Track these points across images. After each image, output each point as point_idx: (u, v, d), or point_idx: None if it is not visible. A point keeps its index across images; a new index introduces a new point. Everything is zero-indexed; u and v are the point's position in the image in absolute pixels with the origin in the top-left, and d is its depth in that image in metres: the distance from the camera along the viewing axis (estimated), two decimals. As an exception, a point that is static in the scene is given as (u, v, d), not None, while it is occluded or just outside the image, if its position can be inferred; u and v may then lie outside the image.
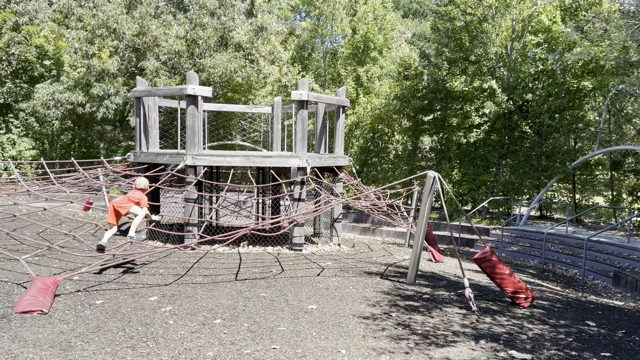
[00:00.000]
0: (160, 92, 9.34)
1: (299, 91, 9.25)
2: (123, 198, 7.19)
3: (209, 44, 22.38)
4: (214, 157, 9.08)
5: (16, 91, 20.98)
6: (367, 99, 22.57)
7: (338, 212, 10.57)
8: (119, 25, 20.61)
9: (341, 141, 10.63)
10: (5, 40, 19.95)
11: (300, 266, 8.09)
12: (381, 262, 9.34)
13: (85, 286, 6.07)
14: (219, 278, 6.98)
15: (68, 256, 7.47)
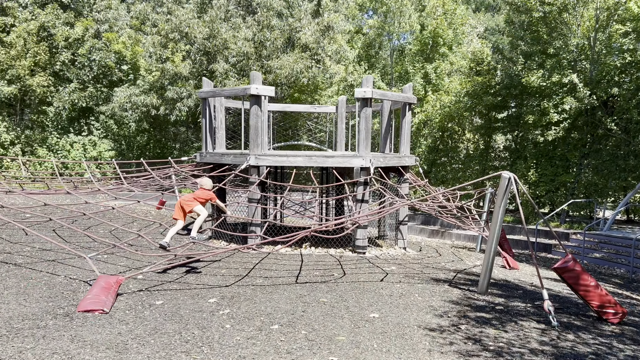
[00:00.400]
0: (225, 92, 9.38)
1: (362, 88, 8.95)
2: (190, 196, 7.28)
3: (276, 45, 22.56)
4: (277, 157, 8.98)
5: (97, 95, 22.16)
6: (436, 97, 21.84)
7: (404, 214, 10.16)
8: (191, 29, 21.22)
9: (407, 140, 10.22)
10: (87, 47, 21.12)
11: (362, 270, 7.79)
12: (450, 268, 8.85)
13: (148, 285, 6.11)
14: (279, 280, 6.83)
15: (135, 255, 7.62)
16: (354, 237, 9.24)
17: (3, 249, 7.44)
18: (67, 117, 21.57)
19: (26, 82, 19.42)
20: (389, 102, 11.59)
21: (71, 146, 21.26)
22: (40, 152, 20.29)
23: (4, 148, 19.57)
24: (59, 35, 20.56)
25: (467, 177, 21.42)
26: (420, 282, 7.22)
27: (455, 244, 14.42)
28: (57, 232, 9.03)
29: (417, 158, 10.43)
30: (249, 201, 9.04)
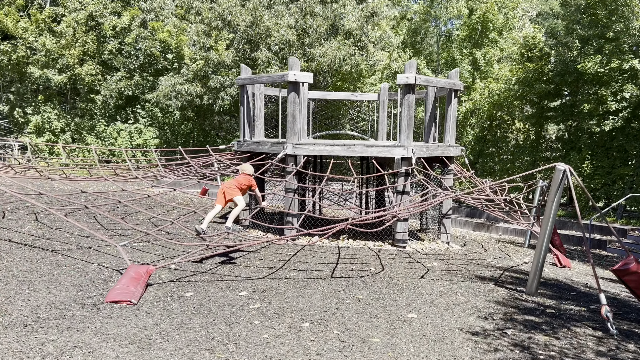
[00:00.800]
0: (263, 79, 9.16)
1: (405, 74, 8.51)
2: (232, 182, 7.17)
3: (319, 32, 22.20)
4: (314, 146, 8.70)
5: (143, 84, 22.50)
6: (484, 84, 20.95)
7: (447, 207, 9.69)
8: (234, 17, 21.16)
9: (452, 129, 9.71)
10: (133, 36, 21.42)
11: (402, 265, 7.43)
12: (496, 265, 8.35)
13: (180, 276, 5.99)
14: (314, 274, 6.58)
15: (170, 244, 7.55)
16: (394, 230, 8.87)
17: (43, 234, 7.53)
18: (114, 105, 22.00)
19: (75, 70, 19.89)
20: (433, 89, 11.09)
21: (118, 134, 21.71)
22: (88, 140, 20.83)
23: (55, 135, 20.19)
24: (107, 24, 20.93)
25: (516, 168, 20.49)
26: (464, 280, 6.80)
27: (502, 238, 13.78)
28: (98, 219, 9.11)
29: (463, 148, 9.92)
30: (285, 191, 8.82)
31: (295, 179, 8.76)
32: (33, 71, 19.15)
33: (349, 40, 22.50)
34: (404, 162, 8.61)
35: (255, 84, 9.46)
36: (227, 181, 7.33)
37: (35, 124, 19.72)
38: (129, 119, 22.42)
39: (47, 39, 19.72)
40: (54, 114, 20.18)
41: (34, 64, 19.55)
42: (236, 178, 7.45)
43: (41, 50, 19.75)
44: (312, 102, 24.60)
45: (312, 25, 21.87)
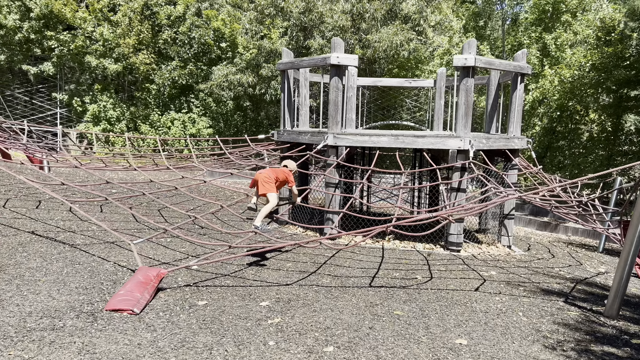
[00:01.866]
0: (304, 62, 8.42)
1: (463, 55, 7.50)
2: (269, 174, 6.49)
3: (376, 17, 21.17)
4: (358, 136, 7.87)
5: (197, 73, 22.39)
6: (554, 71, 19.21)
7: (510, 206, 8.60)
8: (287, 3, 20.54)
9: (517, 119, 8.58)
10: (187, 24, 21.30)
11: (453, 274, 6.50)
12: (565, 275, 7.23)
13: (200, 279, 5.39)
14: (350, 281, 5.80)
15: (199, 240, 7.01)
16: (447, 231, 7.92)
17: (70, 227, 7.19)
18: (169, 95, 22.04)
19: (130, 59, 20.00)
20: (496, 75, 9.96)
21: (172, 123, 21.75)
22: (143, 129, 20.97)
23: (111, 124, 20.45)
24: (162, 13, 20.90)
25: (589, 163, 18.71)
26: (527, 295, 5.80)
27: (571, 240, 12.39)
28: (134, 210, 8.75)
29: (530, 140, 8.76)
30: (325, 186, 8.07)
31: (337, 173, 7.98)
32: (90, 60, 19.40)
33: (406, 25, 21.33)
34: (460, 155, 7.63)
35: (296, 68, 8.74)
36: (263, 171, 6.63)
37: (92, 113, 20.04)
38: (182, 108, 22.41)
39: (105, 28, 19.94)
40: (110, 103, 20.42)
41: (92, 53, 19.82)
42: (274, 169, 6.80)
43: (99, 39, 19.99)
44: (367, 91, 23.71)
45: (369, 9, 20.87)
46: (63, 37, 19.03)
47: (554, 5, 20.45)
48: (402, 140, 7.78)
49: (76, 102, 20.01)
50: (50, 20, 19.30)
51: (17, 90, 20.19)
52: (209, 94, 22.36)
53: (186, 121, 22.03)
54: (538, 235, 13.19)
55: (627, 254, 5.16)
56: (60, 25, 19.59)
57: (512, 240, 8.97)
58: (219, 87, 21.29)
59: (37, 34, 19.06)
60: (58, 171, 12.46)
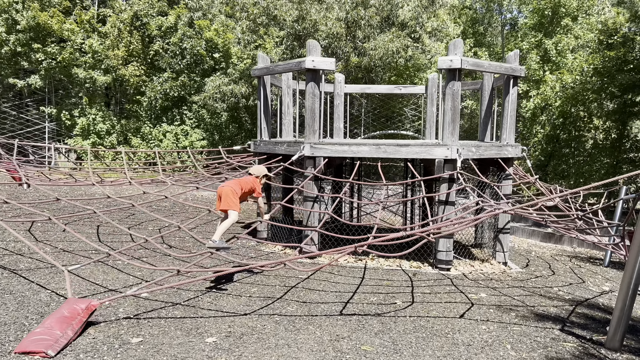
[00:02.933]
0: (279, 67, 7.86)
1: (448, 57, 6.91)
2: (232, 187, 5.85)
3: (372, 23, 20.67)
4: (337, 146, 7.26)
5: (190, 84, 21.93)
6: (556, 76, 18.56)
7: (505, 220, 7.94)
8: (279, 12, 20.10)
9: (511, 125, 7.94)
10: (178, 35, 20.87)
11: (438, 297, 5.84)
12: (565, 296, 6.54)
13: (145, 309, 4.77)
14: (319, 309, 5.16)
15: (152, 263, 6.40)
16: (435, 248, 7.27)
17: (20, 249, 6.60)
18: (161, 107, 21.57)
19: (119, 71, 19.57)
20: (490, 78, 9.38)
21: (164, 135, 21.25)
22: (134, 142, 20.48)
23: (100, 137, 19.97)
24: (152, 24, 20.51)
25: (594, 171, 17.98)
26: (518, 322, 5.12)
27: (576, 253, 11.66)
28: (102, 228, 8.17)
29: (525, 148, 8.12)
30: (303, 200, 7.45)
31: (315, 186, 7.36)
32: (78, 72, 18.98)
33: (403, 31, 20.82)
34: (447, 164, 7.00)
35: (271, 74, 8.17)
36: (227, 183, 5.99)
37: (81, 127, 19.58)
38: (175, 120, 21.92)
39: (94, 40, 19.54)
40: (99, 116, 19.96)
41: (80, 65, 19.41)
42: (238, 179, 6.16)
43: (88, 51, 19.59)
44: (364, 100, 23.14)
45: (364, 16, 20.38)
46: (51, 50, 18.63)
47: (554, 9, 19.86)
48: (384, 149, 7.16)
49: (65, 115, 19.56)
50: (39, 33, 18.92)
51: (5, 105, 19.78)
52: (202, 105, 21.88)
53: (179, 133, 21.53)
54: (541, 247, 12.47)
55: (631, 271, 4.49)
56: (49, 38, 19.21)
57: (509, 255, 8.31)
58: (212, 98, 20.82)
59: (24, 47, 18.68)
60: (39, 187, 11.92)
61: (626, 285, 4.44)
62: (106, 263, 6.18)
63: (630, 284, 4.42)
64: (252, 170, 6.35)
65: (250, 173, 6.32)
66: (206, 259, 6.55)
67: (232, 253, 7.45)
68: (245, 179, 6.16)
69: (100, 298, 4.75)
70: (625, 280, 4.46)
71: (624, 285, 4.47)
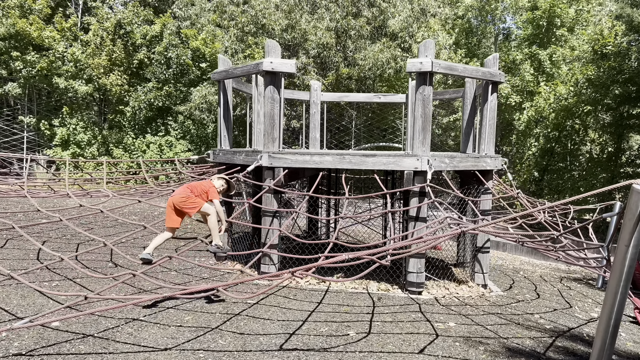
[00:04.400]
0: (237, 71, 7.25)
1: (418, 59, 6.30)
2: (184, 190, 5.44)
3: (362, 33, 20.17)
4: (297, 155, 6.62)
5: (176, 94, 21.41)
6: (549, 87, 17.99)
7: (484, 239, 7.27)
8: (268, 20, 19.61)
9: (490, 135, 7.31)
10: (163, 44, 20.39)
11: (400, 327, 5.14)
12: (546, 324, 5.83)
13: (47, 342, 4.09)
14: (257, 342, 4.47)
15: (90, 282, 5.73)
16: (405, 268, 6.60)
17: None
18: (145, 117, 21.01)
19: (100, 80, 19.04)
20: (472, 85, 8.78)
21: (147, 147, 20.66)
22: (115, 153, 19.88)
23: (81, 148, 19.38)
24: (136, 32, 20.03)
25: (590, 186, 17.30)
26: (485, 358, 4.43)
27: (570, 271, 10.93)
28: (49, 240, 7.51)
29: (505, 160, 7.47)
30: (262, 214, 6.80)
31: (275, 200, 6.71)
32: (59, 82, 18.45)
33: (394, 42, 20.31)
34: (417, 177, 6.35)
35: (230, 77, 7.56)
36: (174, 194, 5.49)
37: (61, 137, 19.00)
38: (159, 131, 21.34)
39: (77, 48, 19.05)
40: (80, 126, 19.39)
41: (62, 74, 18.89)
42: (187, 184, 5.69)
43: (70, 60, 19.08)
44: (354, 112, 22.56)
45: (355, 26, 19.89)
46: (30, 58, 18.12)
47: (549, 19, 19.35)
48: (348, 160, 6.52)
49: (44, 125, 18.99)
50: (21, 41, 18.43)
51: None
52: (188, 116, 21.32)
53: (163, 144, 20.94)
54: (532, 266, 11.77)
55: (610, 304, 3.81)
56: (31, 46, 18.71)
57: (490, 276, 7.62)
58: (199, 108, 20.28)
59: (2, 55, 18.17)
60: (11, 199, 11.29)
61: (606, 317, 3.76)
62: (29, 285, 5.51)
63: (610, 317, 3.74)
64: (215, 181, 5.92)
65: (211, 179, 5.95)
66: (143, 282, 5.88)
67: (182, 273, 6.79)
68: (197, 183, 5.77)
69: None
70: (604, 312, 3.78)
71: (604, 318, 3.79)
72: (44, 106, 19.84)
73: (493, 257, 12.44)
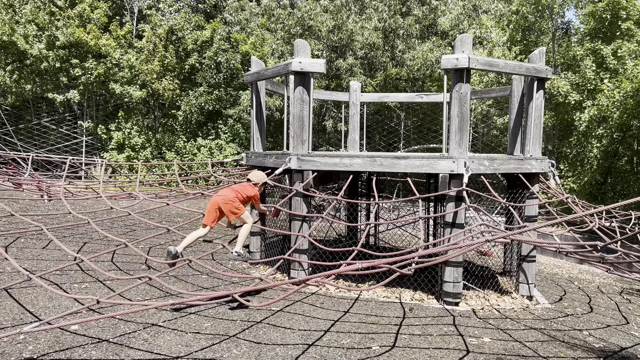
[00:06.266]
0: (268, 72, 7.14)
1: (454, 54, 5.93)
2: (229, 194, 5.47)
3: (411, 32, 19.69)
4: (327, 158, 6.40)
5: (226, 98, 21.74)
6: (613, 84, 16.81)
7: (529, 247, 6.76)
8: (315, 22, 19.52)
9: (536, 135, 6.80)
10: (213, 49, 20.75)
11: (428, 341, 4.81)
12: (594, 342, 5.30)
13: (61, 346, 4.09)
14: (272, 353, 4.29)
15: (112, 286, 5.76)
16: (441, 277, 6.23)
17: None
18: (196, 121, 21.46)
19: (153, 85, 19.62)
20: (520, 83, 8.26)
21: (198, 150, 21.09)
22: (168, 156, 20.42)
23: (135, 151, 20.05)
24: (188, 38, 20.50)
25: (658, 190, 16.02)
26: (520, 381, 4.04)
27: (633, 283, 10.06)
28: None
29: (553, 162, 6.93)
30: (290, 219, 6.63)
31: (304, 203, 6.53)
32: (115, 87, 19.19)
33: (444, 40, 19.70)
34: (453, 180, 5.97)
35: (261, 79, 7.46)
36: (220, 194, 5.51)
37: (116, 141, 19.74)
38: (210, 134, 21.74)
39: (132, 55, 19.75)
40: (135, 130, 20.07)
41: (118, 80, 19.63)
42: (234, 187, 5.68)
43: (126, 66, 19.81)
44: (402, 113, 22.05)
45: (403, 25, 19.44)
46: (88, 65, 18.95)
47: (613, 11, 18.10)
48: (379, 162, 6.24)
49: (101, 129, 19.80)
50: (80, 49, 19.32)
51: (45, 119, 20.31)
52: (237, 119, 21.60)
53: (213, 148, 21.30)
54: (592, 275, 10.95)
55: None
56: (89, 54, 19.58)
57: (533, 289, 7.08)
58: (247, 111, 20.49)
59: (64, 63, 19.10)
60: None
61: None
62: (59, 285, 5.61)
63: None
64: (251, 177, 5.93)
65: (250, 179, 5.90)
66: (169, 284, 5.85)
67: (212, 276, 6.74)
68: (242, 186, 5.76)
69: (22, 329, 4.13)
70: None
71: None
72: (102, 111, 20.71)
73: (548, 265, 11.69)
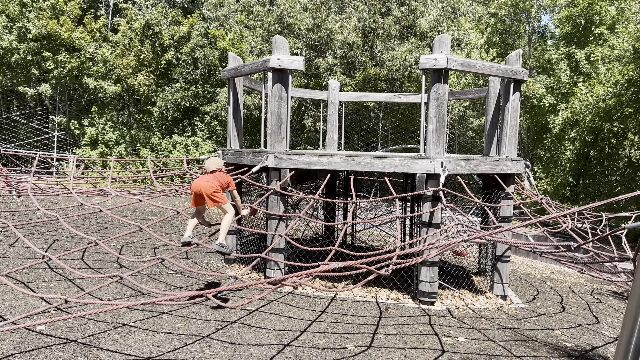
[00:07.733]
0: (246, 68, 7.05)
1: (432, 55, 5.93)
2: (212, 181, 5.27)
3: (390, 33, 19.77)
4: (304, 156, 6.35)
5: (202, 95, 21.49)
6: (586, 88, 17.17)
7: (504, 247, 6.82)
8: (294, 20, 19.43)
9: (511, 136, 6.87)
10: (190, 45, 20.48)
11: (403, 340, 4.80)
12: (566, 341, 5.38)
13: (26, 347, 3.95)
14: (246, 354, 4.21)
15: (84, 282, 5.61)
16: (417, 276, 6.24)
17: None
18: (172, 117, 21.16)
19: (128, 80, 19.26)
20: (496, 84, 8.33)
21: (174, 147, 20.79)
22: (142, 153, 20.09)
23: (108, 147, 19.66)
24: (165, 33, 20.19)
25: (629, 192, 16.41)
26: (493, 381, 4.06)
27: (604, 282, 10.27)
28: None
29: (528, 163, 7.01)
30: (266, 218, 6.56)
31: (281, 202, 6.46)
32: (89, 82, 18.77)
33: (423, 41, 19.83)
34: (430, 180, 5.99)
35: (239, 75, 7.36)
36: (204, 179, 5.30)
37: (89, 136, 19.33)
38: (186, 131, 21.47)
39: (106, 49, 19.36)
40: (108, 126, 19.68)
41: (91, 74, 19.22)
42: (212, 174, 5.45)
43: (100, 60, 19.40)
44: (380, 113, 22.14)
45: (382, 25, 19.50)
46: (61, 59, 18.50)
47: (587, 16, 18.49)
48: (357, 161, 6.21)
49: (74, 125, 19.36)
50: (53, 42, 18.84)
51: (15, 114, 19.76)
52: (214, 116, 21.37)
53: (189, 145, 21.03)
54: (564, 275, 11.16)
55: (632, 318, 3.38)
56: (62, 47, 19.11)
57: (507, 288, 7.16)
58: (225, 109, 20.29)
59: (35, 56, 18.61)
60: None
61: (625, 342, 3.33)
62: (26, 284, 5.44)
63: (630, 341, 3.31)
64: (211, 165, 5.54)
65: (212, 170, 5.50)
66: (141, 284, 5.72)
67: (186, 275, 6.62)
68: (219, 174, 5.50)
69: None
70: (623, 335, 3.36)
71: (622, 342, 3.36)
72: (75, 106, 20.25)
73: (522, 265, 11.87)
